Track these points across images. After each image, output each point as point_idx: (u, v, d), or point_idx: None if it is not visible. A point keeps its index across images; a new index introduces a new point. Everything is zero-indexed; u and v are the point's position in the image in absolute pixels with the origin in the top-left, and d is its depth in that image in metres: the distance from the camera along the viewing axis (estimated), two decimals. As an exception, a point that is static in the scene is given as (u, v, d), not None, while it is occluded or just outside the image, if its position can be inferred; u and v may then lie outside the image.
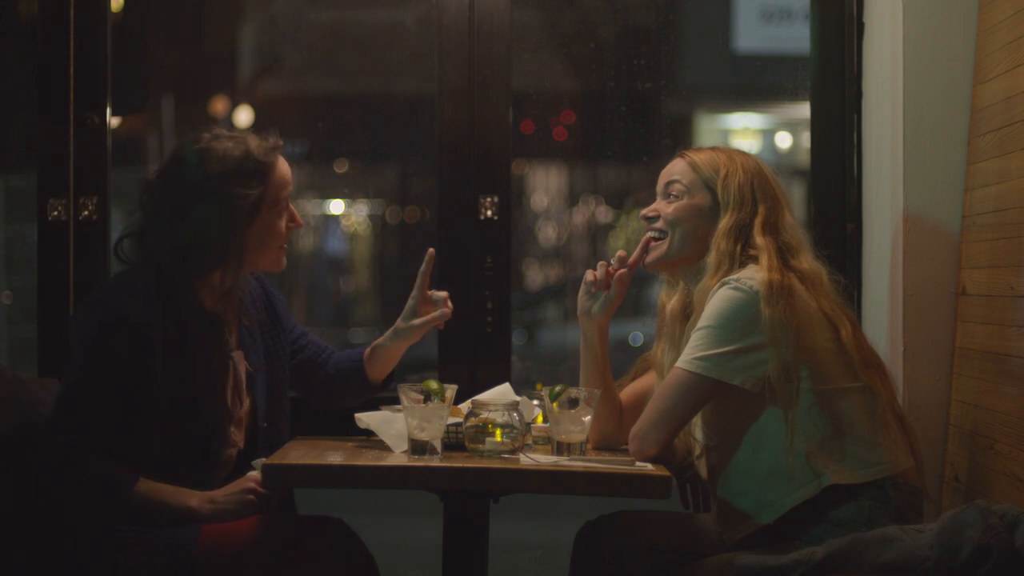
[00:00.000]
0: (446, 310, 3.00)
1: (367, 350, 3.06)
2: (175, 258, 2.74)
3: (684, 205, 2.82)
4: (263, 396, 2.87)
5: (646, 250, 2.86)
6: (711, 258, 2.76)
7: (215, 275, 2.78)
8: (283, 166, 2.82)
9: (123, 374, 2.64)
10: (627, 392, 2.97)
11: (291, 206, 2.85)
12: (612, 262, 2.85)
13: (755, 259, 2.71)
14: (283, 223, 2.81)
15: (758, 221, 2.76)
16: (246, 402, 2.83)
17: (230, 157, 2.74)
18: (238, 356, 2.83)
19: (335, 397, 3.08)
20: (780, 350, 2.59)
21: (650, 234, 2.87)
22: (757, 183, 2.79)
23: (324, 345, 3.11)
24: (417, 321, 2.98)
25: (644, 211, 2.89)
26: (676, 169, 2.86)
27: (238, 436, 2.82)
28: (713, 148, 2.87)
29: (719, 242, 2.76)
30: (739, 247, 2.74)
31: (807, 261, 2.75)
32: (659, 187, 2.89)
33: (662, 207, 2.85)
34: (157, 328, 2.67)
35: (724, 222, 2.77)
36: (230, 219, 2.72)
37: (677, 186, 2.84)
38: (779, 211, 2.79)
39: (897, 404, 2.74)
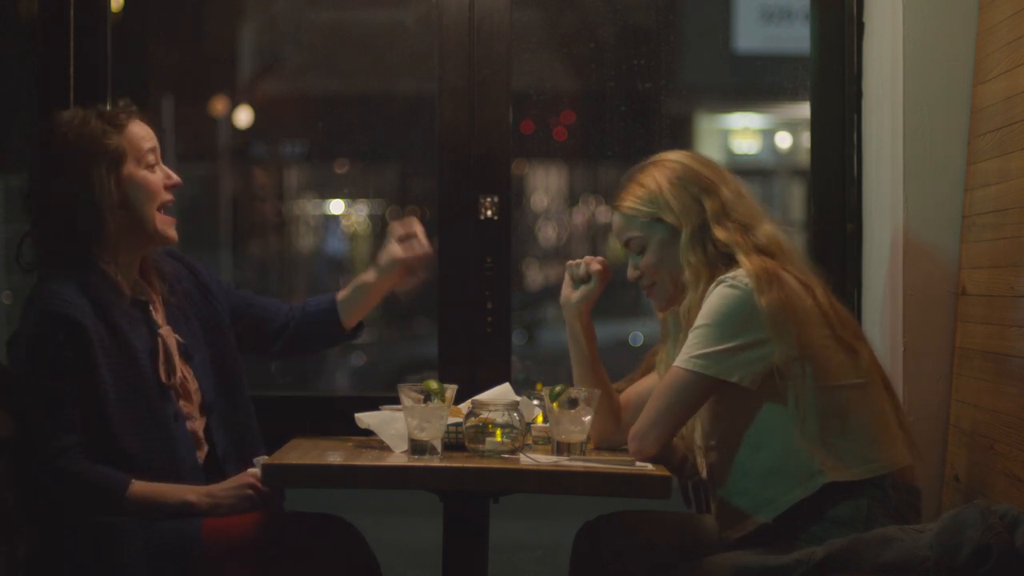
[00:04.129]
0: (424, 244, 3.01)
1: (340, 293, 3.10)
2: (64, 233, 2.77)
3: (653, 252, 2.80)
4: (204, 370, 2.89)
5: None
6: (687, 276, 2.76)
7: (114, 248, 2.78)
8: (139, 124, 2.85)
9: (73, 368, 2.66)
10: (636, 388, 2.97)
11: (164, 166, 2.87)
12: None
13: (730, 255, 2.70)
14: (157, 179, 2.83)
15: (709, 217, 2.75)
16: (180, 374, 2.82)
17: (77, 119, 2.80)
18: (166, 332, 2.83)
19: (298, 345, 3.10)
20: (783, 340, 2.59)
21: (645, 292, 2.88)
22: (687, 182, 2.78)
23: (270, 300, 3.13)
24: (398, 252, 3.01)
25: (629, 276, 2.88)
26: (622, 225, 2.85)
27: (190, 408, 2.82)
28: (631, 179, 2.84)
29: (687, 258, 2.75)
30: (707, 252, 2.74)
31: (764, 232, 2.74)
32: (621, 245, 2.87)
33: (641, 266, 2.83)
34: (87, 316, 2.69)
35: (683, 239, 2.76)
36: (96, 174, 2.75)
37: (634, 241, 2.83)
38: (718, 195, 2.77)
39: (893, 392, 2.74)
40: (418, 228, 3.04)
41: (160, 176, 2.84)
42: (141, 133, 2.83)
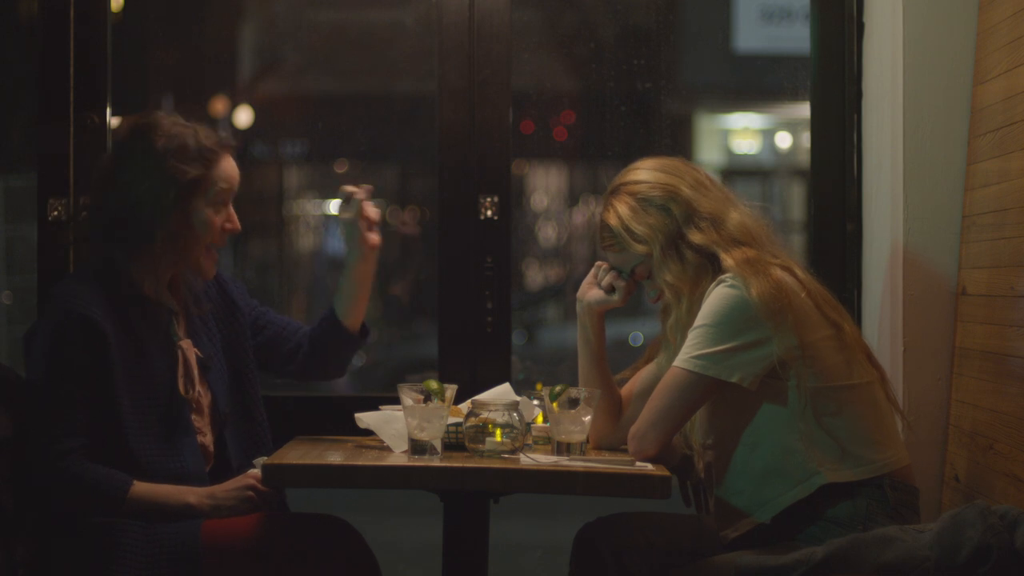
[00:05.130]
0: (362, 192, 2.94)
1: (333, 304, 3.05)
2: (110, 227, 2.76)
3: (659, 267, 2.76)
4: (221, 384, 2.88)
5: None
6: (667, 296, 2.75)
7: (152, 261, 2.77)
8: (230, 163, 2.83)
9: (87, 372, 2.65)
10: (638, 377, 2.96)
11: (232, 209, 2.85)
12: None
13: (712, 254, 2.70)
14: (219, 220, 2.81)
15: (680, 222, 2.73)
16: (198, 389, 2.82)
17: (176, 135, 2.77)
18: (186, 344, 2.83)
19: (317, 363, 3.05)
20: (781, 329, 2.58)
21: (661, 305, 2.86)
22: (646, 201, 2.75)
23: (288, 320, 3.10)
24: (347, 216, 2.93)
25: (650, 301, 2.85)
26: (618, 263, 2.83)
27: (201, 423, 2.82)
28: (600, 220, 2.83)
29: (663, 278, 2.74)
30: (686, 262, 2.72)
31: (733, 223, 2.72)
32: (635, 277, 2.84)
33: (655, 287, 2.80)
34: (108, 320, 2.68)
35: (654, 260, 2.74)
36: (165, 192, 2.73)
37: (637, 270, 2.82)
38: (680, 195, 2.74)
39: (891, 391, 2.74)
40: (351, 188, 2.96)
41: (222, 218, 2.82)
42: (224, 174, 2.81)
